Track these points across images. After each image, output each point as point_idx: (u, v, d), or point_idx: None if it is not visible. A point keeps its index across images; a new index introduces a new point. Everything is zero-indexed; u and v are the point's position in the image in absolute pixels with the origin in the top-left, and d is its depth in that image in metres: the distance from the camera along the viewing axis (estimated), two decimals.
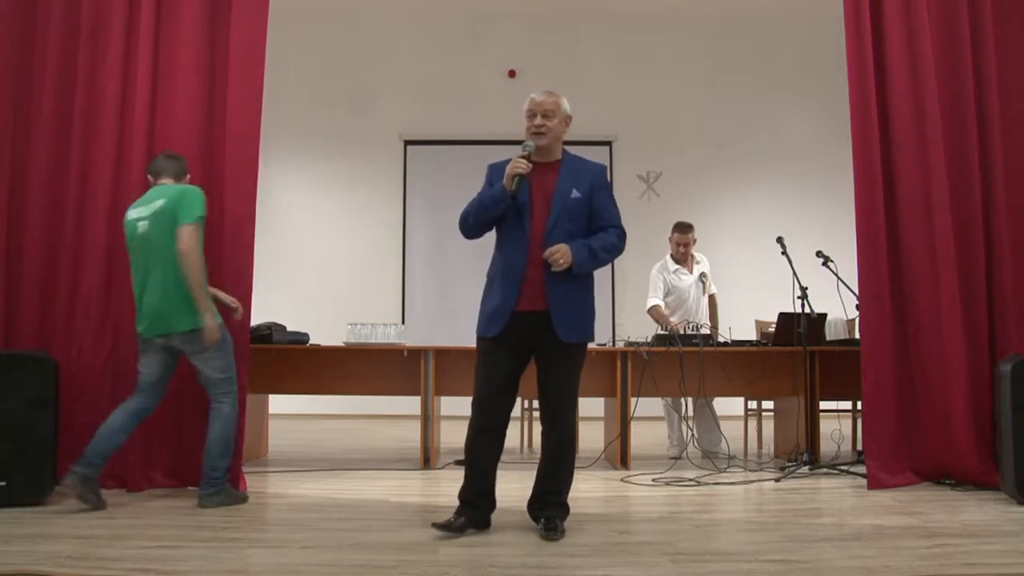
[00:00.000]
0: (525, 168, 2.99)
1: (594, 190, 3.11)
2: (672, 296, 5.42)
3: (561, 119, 3.12)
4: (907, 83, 4.11)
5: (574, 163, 3.16)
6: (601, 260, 3.08)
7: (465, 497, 3.08)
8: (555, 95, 3.13)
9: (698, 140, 8.78)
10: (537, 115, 3.09)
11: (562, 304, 3.01)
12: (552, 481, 3.11)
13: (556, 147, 3.15)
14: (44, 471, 3.50)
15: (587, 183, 3.11)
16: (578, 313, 3.06)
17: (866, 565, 2.63)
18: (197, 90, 4.04)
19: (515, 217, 3.06)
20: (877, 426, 4.00)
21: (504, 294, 3.03)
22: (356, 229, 8.70)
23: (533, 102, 3.11)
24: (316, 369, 4.89)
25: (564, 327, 3.00)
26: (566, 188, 3.07)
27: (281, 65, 8.35)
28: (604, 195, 3.15)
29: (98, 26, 4.04)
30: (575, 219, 3.07)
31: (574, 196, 3.07)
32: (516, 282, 3.02)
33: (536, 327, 3.01)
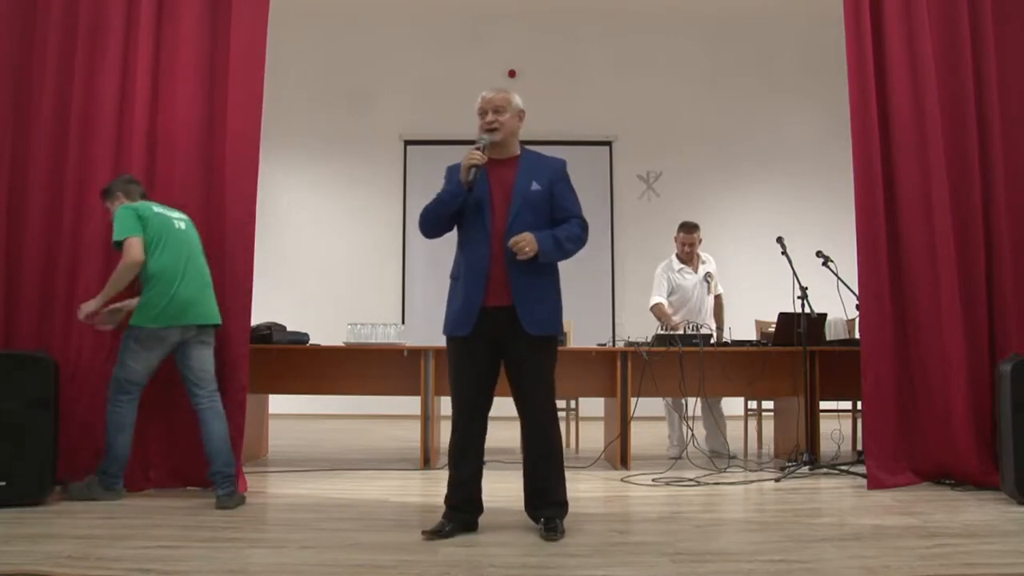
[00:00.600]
0: (480, 159, 2.99)
1: (554, 183, 3.10)
2: (676, 295, 5.42)
3: (513, 114, 3.11)
4: (907, 83, 4.11)
5: (533, 158, 3.16)
6: (566, 250, 3.05)
7: (452, 502, 3.07)
8: (505, 91, 3.13)
9: (698, 140, 8.78)
10: (488, 112, 3.08)
11: (528, 298, 2.99)
12: (546, 480, 3.08)
13: (512, 143, 3.14)
14: (44, 471, 3.49)
15: (546, 176, 3.10)
16: (544, 307, 3.04)
17: (866, 565, 2.63)
18: (196, 90, 4.05)
19: (475, 214, 3.05)
20: (877, 426, 4.00)
21: (469, 291, 3.00)
22: (356, 229, 8.70)
23: (484, 99, 3.11)
24: (316, 369, 4.89)
25: (531, 321, 2.98)
26: (525, 181, 3.06)
27: (281, 65, 8.34)
28: (564, 187, 3.13)
29: (97, 26, 4.04)
30: (536, 212, 3.05)
31: (534, 188, 3.06)
32: (481, 278, 2.99)
33: (503, 323, 2.98)
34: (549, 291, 3.08)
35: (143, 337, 3.60)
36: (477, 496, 3.10)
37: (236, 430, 3.78)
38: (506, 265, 2.98)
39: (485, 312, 2.99)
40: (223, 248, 3.95)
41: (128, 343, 3.63)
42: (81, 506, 3.48)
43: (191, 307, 3.65)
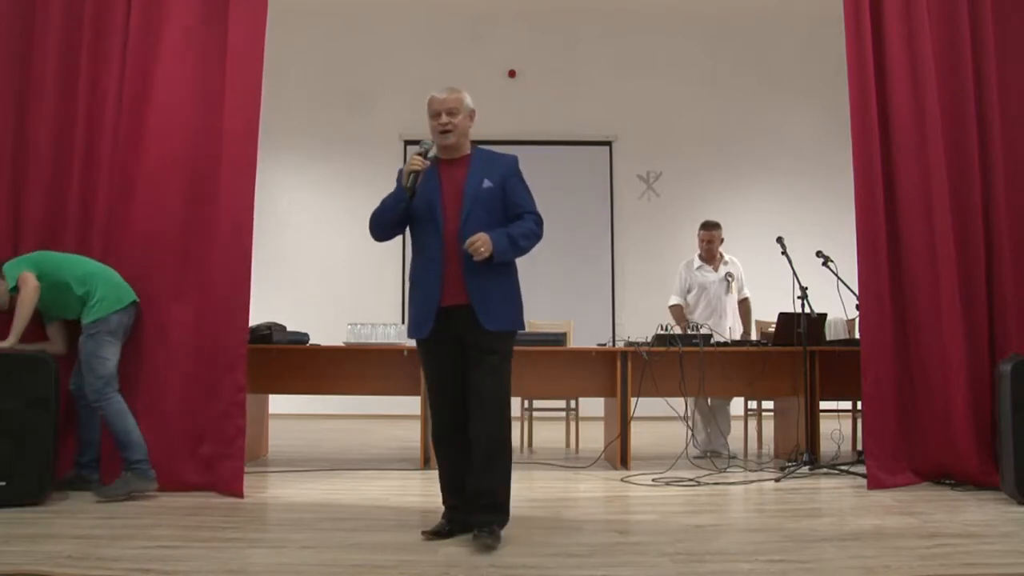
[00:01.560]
0: (421, 165, 2.99)
1: (506, 179, 3.09)
2: (693, 292, 5.46)
3: (466, 115, 3.10)
4: (907, 83, 4.11)
5: (484, 156, 3.14)
6: (521, 247, 3.04)
7: (448, 502, 3.09)
8: (457, 91, 3.11)
9: (698, 140, 8.78)
10: (441, 113, 3.05)
11: (484, 294, 2.97)
12: (482, 479, 2.93)
13: (464, 143, 3.13)
14: (44, 471, 3.49)
15: (498, 173, 3.08)
16: (501, 302, 3.01)
17: (866, 565, 2.63)
18: (194, 89, 4.04)
19: (427, 215, 3.04)
20: (877, 426, 4.00)
21: (426, 293, 3.01)
22: (356, 229, 8.57)
23: (436, 100, 3.08)
24: (316, 369, 4.89)
25: (488, 316, 2.95)
26: (477, 180, 3.04)
27: (281, 65, 8.34)
28: (516, 182, 3.11)
29: (99, 27, 4.04)
30: (489, 210, 3.03)
31: (485, 186, 3.04)
32: (436, 278, 2.99)
33: (461, 321, 2.97)
34: (506, 286, 3.06)
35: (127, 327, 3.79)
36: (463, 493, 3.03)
37: (236, 430, 3.78)
38: (461, 264, 2.97)
39: (443, 312, 2.99)
40: (221, 248, 3.93)
41: (100, 338, 3.70)
42: (81, 506, 3.48)
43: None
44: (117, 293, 3.78)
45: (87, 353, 3.71)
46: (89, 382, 3.69)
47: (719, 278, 5.44)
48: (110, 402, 3.68)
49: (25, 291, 3.64)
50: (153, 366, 3.91)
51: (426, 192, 3.03)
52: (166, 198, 3.98)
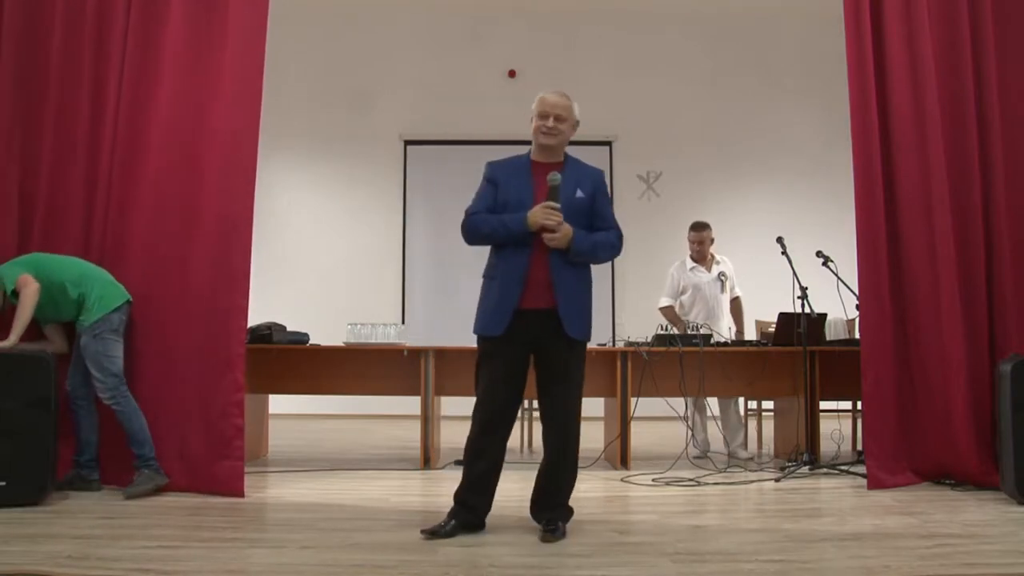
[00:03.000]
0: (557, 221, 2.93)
1: (596, 193, 3.13)
2: (687, 293, 5.45)
3: (571, 123, 3.12)
4: (907, 83, 4.11)
5: (576, 165, 3.16)
6: (599, 255, 3.09)
7: (462, 498, 3.06)
8: (568, 98, 3.10)
9: (698, 140, 8.78)
10: (550, 117, 3.04)
11: (569, 301, 2.99)
12: (554, 481, 3.08)
13: (561, 150, 3.15)
14: (44, 471, 3.49)
15: (590, 185, 3.12)
16: (583, 310, 3.05)
17: (866, 565, 2.63)
18: (193, 89, 4.03)
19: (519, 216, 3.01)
20: (877, 426, 3.99)
21: (506, 292, 2.97)
22: (356, 229, 8.70)
23: (546, 103, 3.05)
24: (316, 369, 4.89)
25: (572, 324, 2.98)
26: (571, 188, 3.04)
27: (281, 65, 8.32)
28: (604, 198, 3.18)
29: (103, 29, 4.04)
30: (578, 219, 3.03)
31: (579, 196, 3.05)
32: (519, 280, 2.97)
33: (541, 325, 2.97)
34: (587, 296, 3.10)
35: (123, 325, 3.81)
36: (488, 495, 3.08)
37: (235, 430, 3.78)
38: (549, 268, 2.97)
39: (520, 314, 2.97)
40: (220, 248, 3.92)
41: (105, 337, 3.73)
42: (81, 506, 3.48)
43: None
44: (112, 292, 3.81)
45: (96, 354, 3.72)
46: (102, 381, 3.71)
47: (713, 278, 5.44)
48: (127, 400, 3.74)
49: (26, 293, 3.65)
50: (152, 366, 3.90)
51: (519, 192, 3.02)
52: (164, 198, 3.97)
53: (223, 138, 3.97)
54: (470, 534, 3.01)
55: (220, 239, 3.92)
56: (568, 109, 3.08)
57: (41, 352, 3.67)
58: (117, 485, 3.78)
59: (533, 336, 3.00)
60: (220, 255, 3.91)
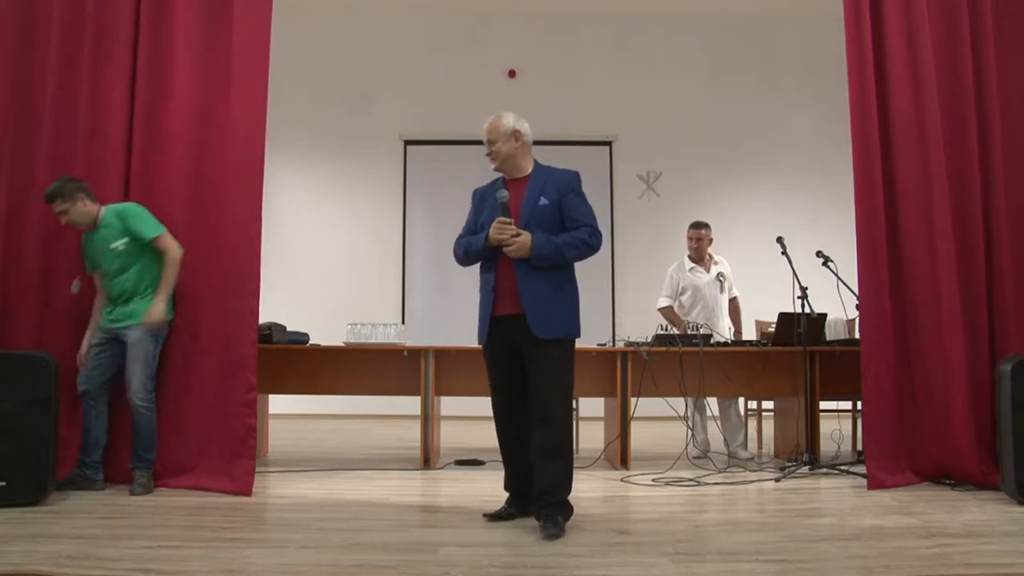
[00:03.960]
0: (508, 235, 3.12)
1: (563, 195, 3.23)
2: (687, 294, 5.45)
3: (505, 139, 3.25)
4: (907, 83, 4.11)
5: (543, 173, 3.30)
6: (566, 254, 3.16)
7: (510, 489, 3.32)
8: (496, 118, 3.29)
9: (698, 140, 8.78)
10: (486, 144, 3.28)
11: (535, 304, 3.13)
12: (544, 479, 3.11)
13: (518, 162, 3.29)
14: (44, 471, 3.49)
15: (555, 190, 3.23)
16: (554, 311, 3.16)
17: (866, 565, 2.63)
18: (198, 90, 4.04)
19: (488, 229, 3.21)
20: (877, 426, 4.00)
21: (484, 302, 3.23)
22: (356, 229, 8.70)
23: (483, 132, 3.29)
24: (316, 369, 4.89)
25: (539, 325, 3.11)
26: (533, 196, 3.21)
27: (281, 65, 8.31)
28: (574, 198, 3.25)
29: (100, 27, 4.03)
30: (544, 226, 3.17)
31: (541, 203, 3.20)
32: (491, 290, 3.20)
33: (515, 329, 3.15)
34: (559, 295, 3.19)
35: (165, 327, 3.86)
36: (530, 478, 3.19)
37: (247, 429, 3.80)
38: (516, 276, 3.14)
39: (498, 321, 3.19)
40: (228, 249, 3.94)
41: (157, 338, 3.81)
42: (81, 506, 3.48)
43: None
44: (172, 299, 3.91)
45: (147, 354, 3.76)
46: (142, 382, 3.75)
47: (711, 278, 5.44)
48: (154, 405, 3.80)
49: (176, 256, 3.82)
50: (175, 369, 3.94)
51: (491, 211, 3.22)
52: (169, 198, 3.98)
53: (231, 139, 3.97)
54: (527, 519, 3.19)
55: (228, 240, 3.94)
56: (495, 129, 3.27)
57: (41, 352, 3.67)
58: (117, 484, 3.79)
59: (510, 340, 3.19)
60: (230, 257, 3.92)
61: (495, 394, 3.32)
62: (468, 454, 5.12)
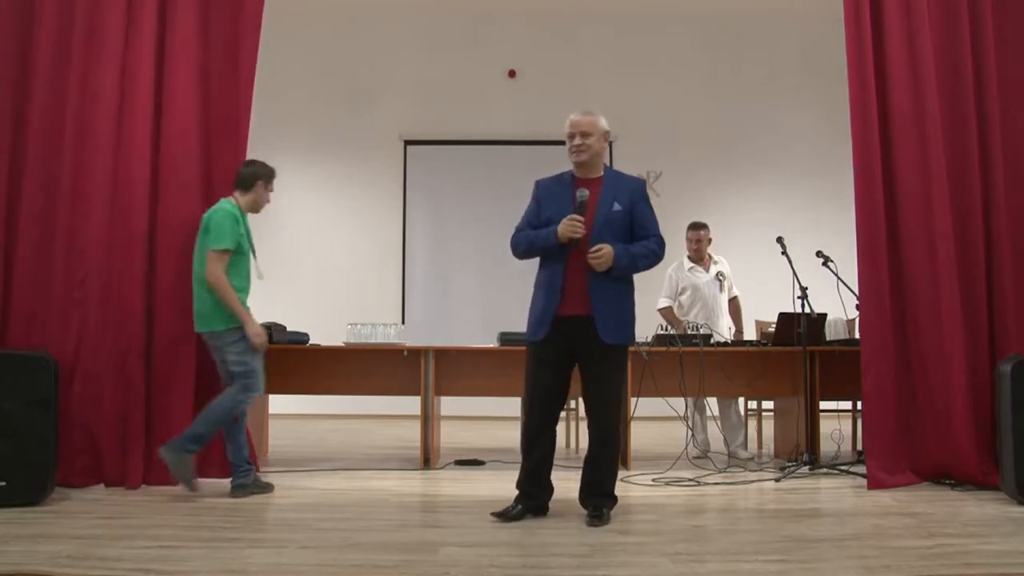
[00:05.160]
0: (581, 231, 3.17)
1: (634, 203, 3.31)
2: (687, 294, 5.45)
3: (599, 136, 3.34)
4: (907, 82, 4.11)
5: (615, 178, 3.36)
6: (640, 266, 3.27)
7: (523, 487, 3.32)
8: (592, 114, 3.36)
9: (698, 140, 8.78)
10: (576, 135, 3.29)
11: (605, 308, 3.19)
12: (596, 472, 3.31)
13: (597, 163, 3.37)
14: (44, 471, 3.49)
15: (627, 196, 3.30)
16: (619, 316, 3.24)
17: (866, 565, 2.63)
18: (198, 90, 4.04)
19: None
20: (877, 426, 4.00)
21: (547, 300, 3.23)
22: (356, 229, 8.69)
23: (572, 123, 3.34)
24: (316, 369, 4.88)
25: (606, 329, 3.18)
26: (608, 201, 3.26)
27: (281, 65, 8.33)
28: (644, 206, 3.35)
29: (94, 25, 4.03)
30: (615, 231, 3.25)
31: (615, 209, 3.26)
32: (558, 289, 3.21)
33: (578, 330, 3.19)
34: (625, 302, 3.28)
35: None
36: (546, 480, 3.34)
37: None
38: (586, 277, 3.18)
39: (560, 321, 3.21)
40: None
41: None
42: (81, 506, 3.49)
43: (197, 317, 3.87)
44: None
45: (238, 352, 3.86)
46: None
47: (711, 278, 5.44)
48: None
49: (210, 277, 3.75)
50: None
51: (559, 207, 3.24)
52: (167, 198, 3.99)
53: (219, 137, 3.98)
54: (536, 518, 3.27)
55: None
56: (592, 124, 3.33)
57: (40, 352, 3.67)
58: (117, 484, 3.79)
59: (572, 341, 3.22)
60: None
61: (536, 392, 3.28)
62: (468, 454, 5.12)
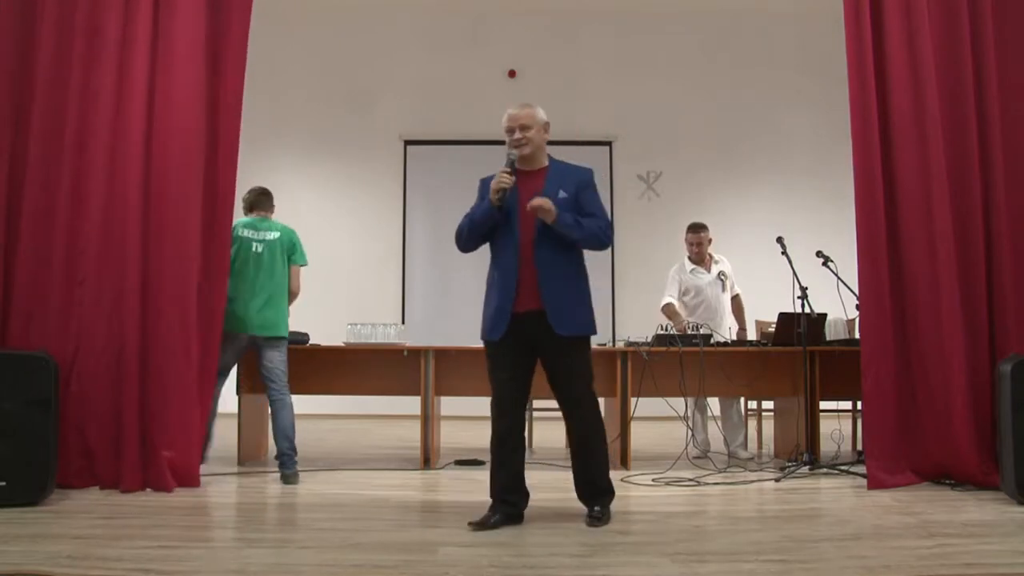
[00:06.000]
0: (509, 182, 3.12)
1: (580, 190, 3.24)
2: (690, 295, 5.45)
3: (538, 128, 3.25)
4: (907, 83, 4.11)
5: (560, 168, 3.30)
6: (583, 233, 3.16)
7: (495, 495, 3.23)
8: (529, 106, 3.27)
9: (698, 140, 8.78)
10: (515, 129, 3.22)
11: (556, 301, 3.13)
12: (586, 471, 3.26)
13: (540, 155, 3.29)
14: (44, 471, 3.49)
15: (573, 184, 3.24)
16: (573, 308, 3.17)
17: (866, 565, 2.63)
18: (196, 90, 4.04)
19: (505, 224, 3.20)
20: (877, 426, 4.00)
21: (501, 298, 3.16)
22: (356, 229, 8.70)
23: (510, 117, 3.25)
24: (316, 369, 4.89)
25: (559, 322, 3.12)
26: (552, 190, 3.19)
27: (281, 65, 8.34)
28: (590, 193, 3.28)
29: (94, 25, 4.02)
30: None
31: (561, 197, 3.18)
32: (511, 285, 3.14)
33: (535, 326, 3.13)
34: (577, 292, 3.22)
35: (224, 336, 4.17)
36: (519, 486, 3.24)
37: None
38: (535, 271, 3.12)
39: (516, 317, 3.14)
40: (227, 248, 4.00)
41: None
42: (81, 506, 3.48)
43: (249, 320, 4.31)
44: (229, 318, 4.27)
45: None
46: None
47: (713, 278, 5.44)
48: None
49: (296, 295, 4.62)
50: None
51: (505, 202, 3.17)
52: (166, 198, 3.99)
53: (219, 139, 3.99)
54: (514, 526, 3.15)
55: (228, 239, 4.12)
56: (531, 116, 3.24)
57: (40, 352, 3.67)
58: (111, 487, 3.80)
59: (530, 337, 3.16)
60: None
61: (500, 392, 3.21)
62: (468, 454, 5.12)
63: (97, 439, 3.83)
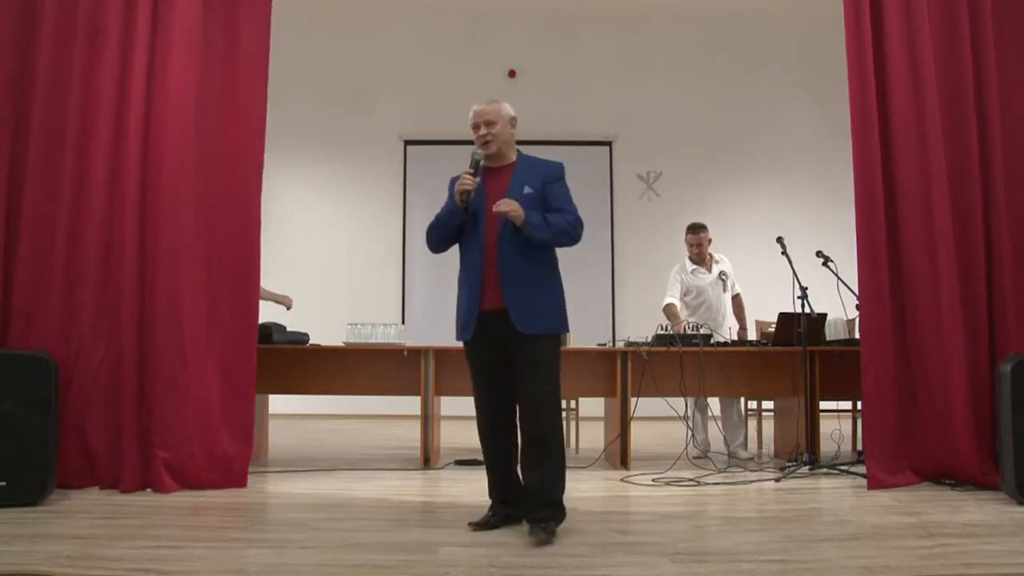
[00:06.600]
0: (472, 184, 3.07)
1: (546, 184, 3.16)
2: (691, 295, 5.45)
3: (504, 123, 3.19)
4: (907, 83, 4.11)
5: (528, 163, 3.22)
6: (551, 231, 3.06)
7: (497, 496, 3.20)
8: (495, 102, 3.22)
9: (698, 140, 8.78)
10: (480, 125, 3.18)
11: (518, 299, 3.04)
12: (534, 478, 3.03)
13: (507, 151, 3.22)
14: (44, 471, 3.49)
15: (539, 179, 3.15)
16: (537, 306, 3.07)
17: (866, 565, 2.62)
18: (196, 91, 4.04)
19: (471, 222, 3.14)
20: (877, 426, 3.99)
21: (469, 297, 3.11)
22: (356, 229, 8.70)
23: (475, 113, 3.21)
24: (316, 369, 4.89)
25: (522, 320, 3.03)
26: (518, 186, 3.13)
27: (281, 65, 8.30)
28: (557, 187, 3.18)
29: (95, 26, 4.02)
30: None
31: (526, 192, 3.11)
32: (477, 284, 3.09)
33: (500, 325, 3.06)
34: (542, 290, 3.12)
35: None
36: (516, 489, 3.17)
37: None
38: (499, 269, 3.05)
39: (484, 316, 3.09)
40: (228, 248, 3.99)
41: None
42: (81, 506, 3.48)
43: None
44: None
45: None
46: None
47: (714, 279, 5.44)
48: None
49: None
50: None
51: (472, 200, 3.12)
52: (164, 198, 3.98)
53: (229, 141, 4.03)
54: (514, 526, 3.10)
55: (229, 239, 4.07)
56: (496, 112, 3.19)
57: (41, 352, 3.67)
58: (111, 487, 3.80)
59: (496, 335, 3.09)
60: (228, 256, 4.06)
61: (479, 393, 3.20)
62: (468, 454, 5.12)
63: (97, 439, 3.83)
